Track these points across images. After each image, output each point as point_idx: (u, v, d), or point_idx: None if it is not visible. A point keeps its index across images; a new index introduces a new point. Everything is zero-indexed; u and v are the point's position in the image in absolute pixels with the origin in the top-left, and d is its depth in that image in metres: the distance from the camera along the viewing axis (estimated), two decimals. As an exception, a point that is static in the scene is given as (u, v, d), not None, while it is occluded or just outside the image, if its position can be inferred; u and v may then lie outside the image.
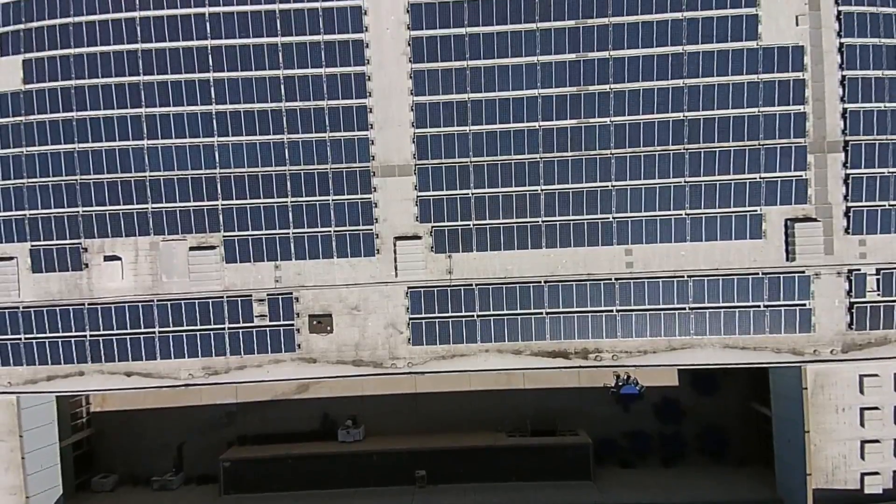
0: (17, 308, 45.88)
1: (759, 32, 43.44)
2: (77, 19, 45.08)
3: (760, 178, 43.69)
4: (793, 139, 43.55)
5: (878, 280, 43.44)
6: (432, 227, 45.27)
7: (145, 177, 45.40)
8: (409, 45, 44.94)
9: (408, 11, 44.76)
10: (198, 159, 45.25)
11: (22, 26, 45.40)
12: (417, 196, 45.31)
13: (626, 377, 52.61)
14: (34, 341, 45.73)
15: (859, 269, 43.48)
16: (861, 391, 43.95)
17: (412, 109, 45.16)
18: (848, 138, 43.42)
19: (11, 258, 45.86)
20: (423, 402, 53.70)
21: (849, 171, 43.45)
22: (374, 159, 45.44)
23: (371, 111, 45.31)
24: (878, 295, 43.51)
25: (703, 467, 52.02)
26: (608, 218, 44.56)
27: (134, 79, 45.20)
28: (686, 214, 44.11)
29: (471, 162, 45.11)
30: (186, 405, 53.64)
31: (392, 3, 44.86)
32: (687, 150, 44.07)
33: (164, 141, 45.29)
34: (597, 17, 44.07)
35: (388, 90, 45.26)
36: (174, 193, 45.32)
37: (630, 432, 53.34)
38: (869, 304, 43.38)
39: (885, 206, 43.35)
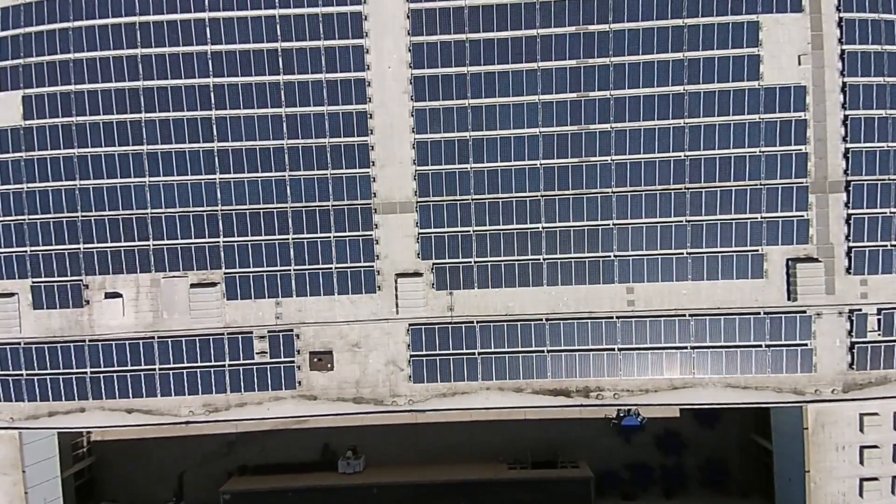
0: (19, 344, 45.89)
1: (760, 72, 43.44)
2: (77, 56, 45.11)
3: (762, 217, 43.69)
4: (794, 179, 43.55)
5: (878, 320, 43.46)
6: (433, 264, 45.27)
7: (147, 214, 45.41)
8: (410, 83, 44.94)
9: (409, 50, 44.76)
10: (199, 196, 45.27)
11: (21, 61, 45.40)
12: (419, 233, 45.31)
13: (627, 409, 52.57)
14: (35, 377, 45.72)
15: (860, 309, 43.49)
16: (861, 430, 44.01)
17: (413, 147, 45.17)
18: (850, 178, 43.43)
19: (13, 294, 45.87)
20: (423, 432, 53.68)
21: (850, 212, 43.47)
22: (375, 196, 45.46)
23: (373, 149, 45.33)
24: (879, 335, 43.52)
25: (705, 499, 52.04)
26: (609, 256, 44.56)
27: (135, 116, 45.22)
28: (687, 253, 44.10)
29: (472, 199, 45.12)
30: (187, 434, 53.57)
31: (394, 42, 44.86)
32: (688, 189, 44.07)
33: (165, 178, 45.30)
34: (598, 56, 44.07)
35: (389, 128, 45.28)
36: (176, 230, 45.31)
37: (632, 464, 53.39)
38: (870, 344, 43.37)
39: (886, 246, 43.35)
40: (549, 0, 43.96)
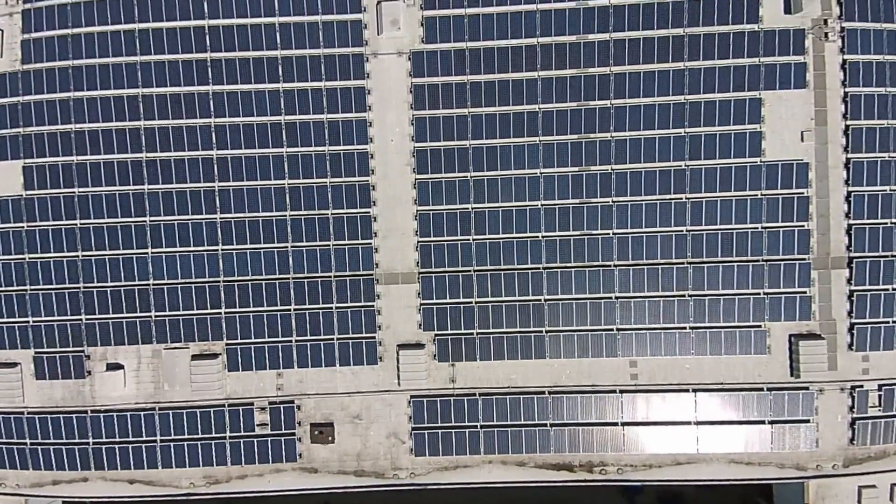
0: (22, 413, 45.74)
1: (762, 149, 43.49)
2: (78, 126, 45.17)
3: (764, 293, 43.67)
4: (797, 255, 43.54)
5: (879, 396, 43.41)
6: (435, 335, 45.23)
7: (148, 285, 45.37)
8: (413, 156, 44.99)
9: (412, 124, 44.82)
10: (202, 267, 45.24)
11: (20, 130, 45.44)
12: (420, 304, 45.27)
13: (628, 472, 52.42)
14: (39, 447, 45.55)
15: (861, 386, 43.47)
16: (859, 502, 43.91)
17: (416, 218, 45.18)
18: (852, 255, 43.40)
19: (16, 364, 45.80)
20: (426, 493, 53.37)
21: (853, 288, 43.44)
22: (377, 267, 45.44)
23: (375, 220, 45.34)
24: (880, 410, 43.46)
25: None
26: (612, 329, 44.50)
27: (138, 188, 45.26)
28: (690, 328, 44.05)
29: (474, 270, 45.10)
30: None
31: (397, 116, 44.94)
32: (690, 263, 44.05)
33: (167, 249, 45.27)
34: (599, 132, 44.17)
35: (392, 200, 45.31)
36: (177, 302, 45.28)
37: (634, 526, 53.38)
38: (870, 420, 43.32)
39: (888, 322, 43.31)
40: (549, 78, 44.11)
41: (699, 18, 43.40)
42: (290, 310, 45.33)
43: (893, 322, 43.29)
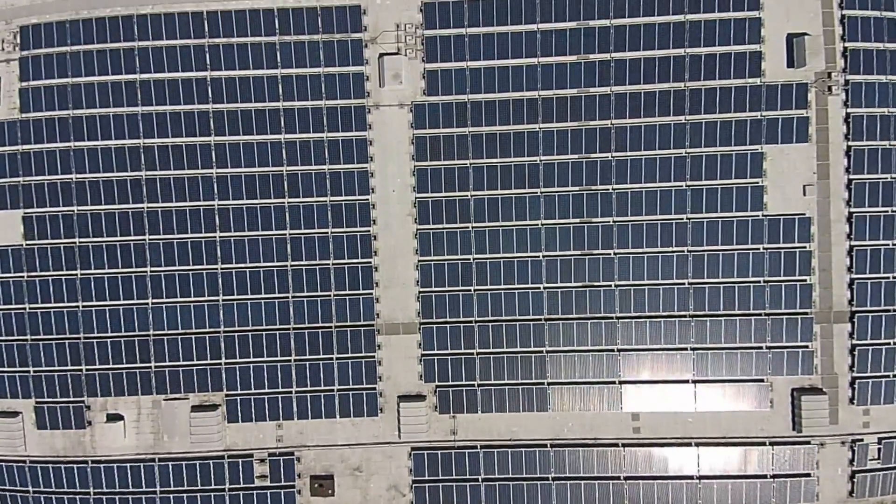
0: (24, 462, 45.55)
1: (764, 202, 43.43)
2: (79, 177, 45.11)
3: (767, 347, 43.54)
4: (799, 309, 43.42)
5: (879, 449, 43.30)
6: (436, 386, 45.06)
7: (149, 335, 45.22)
8: (414, 207, 44.91)
9: (413, 175, 44.77)
10: (202, 318, 45.09)
11: (20, 179, 45.34)
12: (421, 354, 45.12)
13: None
14: (42, 495, 45.37)
15: (862, 439, 43.37)
16: (857, 552, 44.00)
17: (417, 269, 45.06)
18: (854, 309, 43.29)
19: (17, 413, 45.65)
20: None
21: (855, 342, 43.32)
22: (378, 317, 45.29)
23: (377, 270, 45.22)
24: (879, 463, 43.34)
25: None
26: (614, 382, 44.35)
27: (139, 238, 45.15)
28: (693, 381, 43.90)
29: (475, 321, 44.97)
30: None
31: (398, 167, 44.89)
32: (693, 317, 43.94)
33: (168, 300, 45.14)
34: (600, 184, 44.11)
35: (393, 250, 45.20)
36: (178, 352, 45.11)
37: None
38: (869, 473, 43.18)
39: (889, 376, 43.20)
40: (551, 130, 44.09)
41: (701, 72, 43.36)
42: (290, 360, 45.18)
43: (894, 376, 43.14)
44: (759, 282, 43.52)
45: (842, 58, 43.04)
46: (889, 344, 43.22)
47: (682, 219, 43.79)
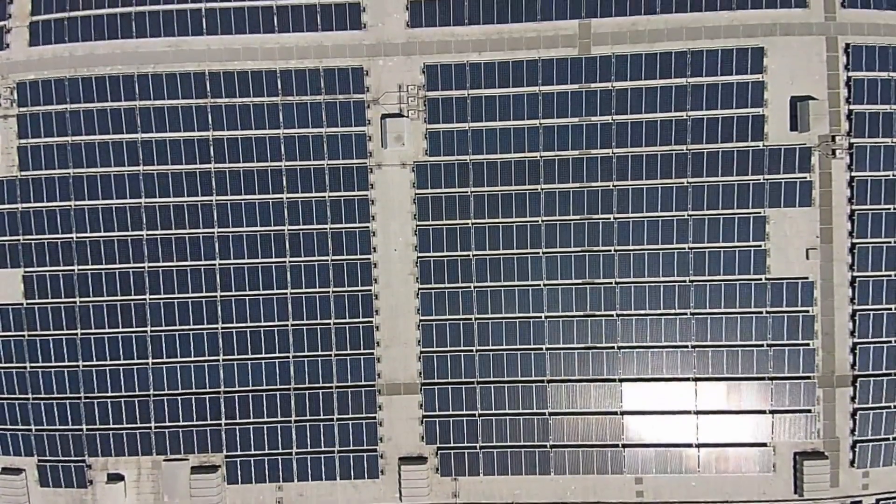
0: (27, 520, 45.59)
1: (767, 266, 43.29)
2: (79, 236, 44.96)
3: (770, 411, 43.37)
4: (802, 373, 43.29)
5: (878, 510, 43.42)
6: (438, 448, 44.87)
7: (149, 395, 45.03)
8: (416, 266, 44.76)
9: (415, 234, 44.63)
10: (202, 378, 44.91)
11: (20, 238, 45.17)
12: (423, 415, 44.93)
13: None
14: (43, 555, 45.44)
15: (860, 501, 43.36)
16: None
17: (419, 328, 44.90)
18: (857, 373, 43.17)
19: (21, 471, 45.48)
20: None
21: (856, 406, 43.20)
22: (379, 377, 45.12)
23: (378, 329, 45.05)
24: (878, 523, 43.48)
25: None
26: (618, 445, 44.17)
27: (139, 297, 44.99)
28: (696, 445, 43.72)
29: (477, 382, 44.79)
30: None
31: (400, 226, 44.76)
32: (696, 380, 43.80)
33: (168, 360, 44.97)
34: (602, 245, 44.01)
35: (395, 309, 45.03)
36: (178, 413, 44.91)
37: None
38: (868, 534, 43.30)
39: (888, 439, 43.10)
40: (552, 191, 44.00)
41: (703, 135, 43.27)
42: (290, 421, 44.98)
43: (894, 439, 43.04)
44: (762, 345, 43.39)
45: (846, 121, 42.93)
46: (890, 407, 43.11)
47: (684, 281, 43.66)
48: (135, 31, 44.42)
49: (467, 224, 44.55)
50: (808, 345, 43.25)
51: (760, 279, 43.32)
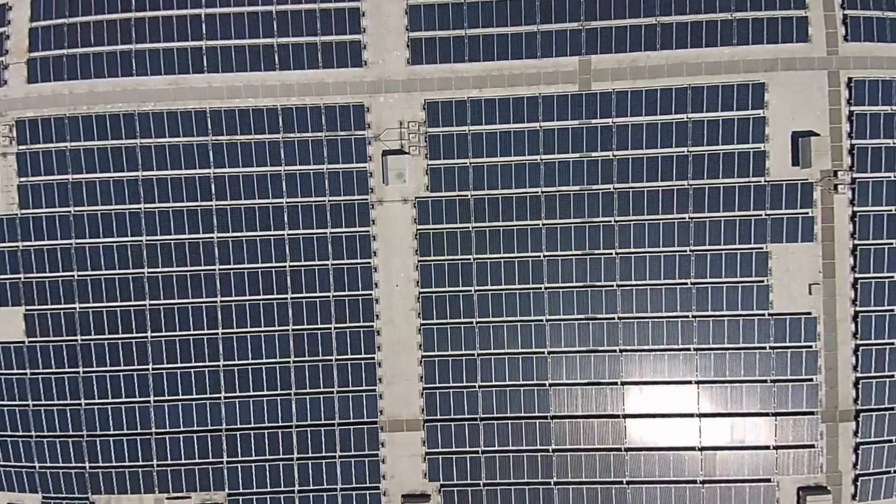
0: (34, 557, 45.52)
1: (770, 301, 43.23)
2: (80, 274, 44.88)
3: (773, 447, 43.29)
4: (805, 408, 43.21)
5: (878, 544, 43.35)
6: (441, 485, 44.74)
7: (151, 434, 44.91)
8: (418, 301, 44.69)
9: (417, 270, 44.56)
10: (204, 417, 44.77)
11: (21, 276, 45.08)
12: (426, 452, 44.82)
13: None
14: (49, 590, 45.36)
15: (860, 534, 43.47)
16: None
17: (421, 364, 44.81)
18: (859, 408, 43.10)
19: (25, 507, 45.61)
20: None
21: (859, 440, 43.12)
22: (382, 414, 45.00)
23: (380, 365, 44.96)
24: (878, 557, 43.40)
25: None
26: (622, 482, 44.06)
27: (140, 336, 44.89)
28: (701, 482, 43.62)
29: (480, 419, 44.69)
30: None
31: (402, 262, 44.70)
32: (701, 415, 43.71)
33: (170, 398, 44.86)
34: (604, 281, 43.93)
35: (397, 345, 44.95)
36: (179, 451, 44.79)
37: None
38: (864, 568, 43.25)
39: (890, 472, 43.07)
40: (554, 227, 43.97)
41: (704, 171, 43.24)
42: (292, 459, 44.85)
43: (895, 472, 43.05)
44: (766, 381, 43.32)
45: (849, 155, 42.90)
46: (891, 441, 43.05)
47: (687, 316, 43.60)
48: (135, 68, 44.45)
49: (469, 259, 44.50)
50: (811, 380, 43.18)
51: (763, 314, 43.26)
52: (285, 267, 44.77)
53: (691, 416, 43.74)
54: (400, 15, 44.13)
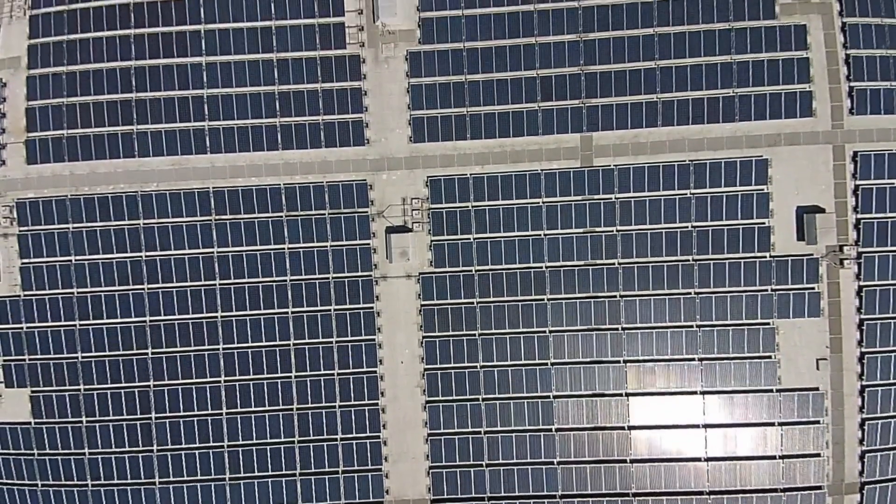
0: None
1: (777, 376, 43.00)
2: (85, 356, 44.77)
3: (782, 523, 43.20)
4: (813, 483, 42.97)
5: None
6: (449, 565, 44.58)
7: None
8: (423, 378, 44.52)
9: (422, 346, 44.39)
10: (208, 494, 44.56)
11: (26, 358, 44.97)
12: (433, 532, 44.68)
13: None
14: None
15: (860, 588, 43.28)
16: None
17: (427, 442, 44.59)
18: (864, 480, 42.88)
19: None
20: None
21: (865, 513, 43.10)
22: (388, 494, 44.74)
23: (385, 444, 44.73)
24: None
25: None
26: (627, 551, 43.97)
27: (145, 417, 44.73)
28: (708, 557, 43.51)
29: (488, 497, 44.39)
30: None
31: (406, 337, 44.52)
32: (711, 493, 43.42)
33: (175, 478, 44.60)
34: (611, 356, 43.77)
35: (402, 423, 44.74)
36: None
37: None
38: None
39: (893, 538, 43.12)
40: (559, 302, 43.79)
41: (709, 247, 43.07)
42: (301, 546, 44.64)
43: (895, 538, 43.11)
44: (774, 457, 43.08)
45: (854, 230, 42.72)
46: (894, 510, 43.07)
47: (695, 392, 43.40)
48: (137, 150, 44.43)
49: (474, 335, 44.34)
50: (818, 455, 42.94)
51: (772, 390, 43.04)
52: (289, 345, 44.60)
53: (701, 494, 43.42)
54: (401, 94, 44.07)
